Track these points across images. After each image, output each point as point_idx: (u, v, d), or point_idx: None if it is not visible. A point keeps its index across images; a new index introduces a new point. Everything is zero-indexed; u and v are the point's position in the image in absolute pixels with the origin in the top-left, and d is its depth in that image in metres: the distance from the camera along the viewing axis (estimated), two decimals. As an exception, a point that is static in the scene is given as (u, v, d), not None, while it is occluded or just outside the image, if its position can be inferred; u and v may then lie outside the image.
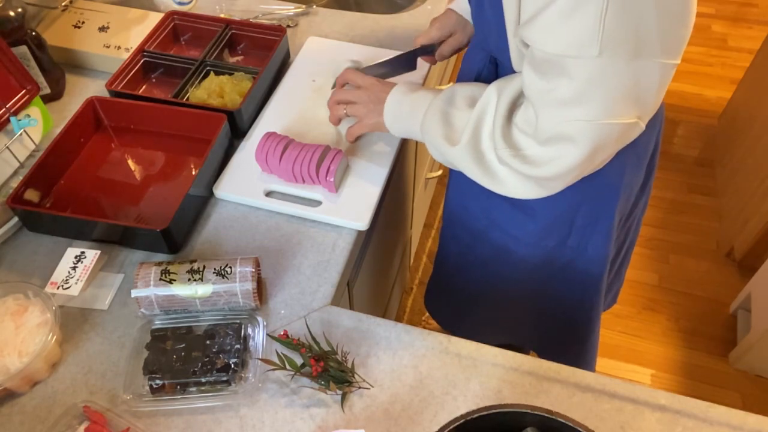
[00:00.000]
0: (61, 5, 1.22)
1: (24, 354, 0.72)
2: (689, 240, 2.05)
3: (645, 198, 1.05)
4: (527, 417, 0.57)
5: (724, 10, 2.97)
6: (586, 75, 0.62)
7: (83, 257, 0.84)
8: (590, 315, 1.11)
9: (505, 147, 0.74)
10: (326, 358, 0.73)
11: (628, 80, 0.63)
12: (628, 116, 0.66)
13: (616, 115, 0.65)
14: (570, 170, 0.71)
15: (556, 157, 0.70)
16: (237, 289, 0.77)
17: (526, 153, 0.73)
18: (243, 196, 0.94)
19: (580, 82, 0.63)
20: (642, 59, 0.61)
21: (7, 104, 0.96)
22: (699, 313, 1.86)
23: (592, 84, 0.63)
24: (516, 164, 0.73)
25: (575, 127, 0.67)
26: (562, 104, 0.66)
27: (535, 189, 0.76)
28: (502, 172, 0.75)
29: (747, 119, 2.09)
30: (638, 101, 0.65)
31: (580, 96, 0.64)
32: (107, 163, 0.99)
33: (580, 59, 0.61)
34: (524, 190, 0.76)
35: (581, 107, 0.65)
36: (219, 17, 1.21)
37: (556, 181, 0.74)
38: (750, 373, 1.72)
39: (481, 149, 0.77)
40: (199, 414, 0.72)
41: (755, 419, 0.71)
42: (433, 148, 0.84)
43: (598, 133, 0.66)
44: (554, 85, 0.65)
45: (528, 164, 0.72)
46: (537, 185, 0.75)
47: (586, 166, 0.71)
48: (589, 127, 0.66)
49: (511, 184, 0.76)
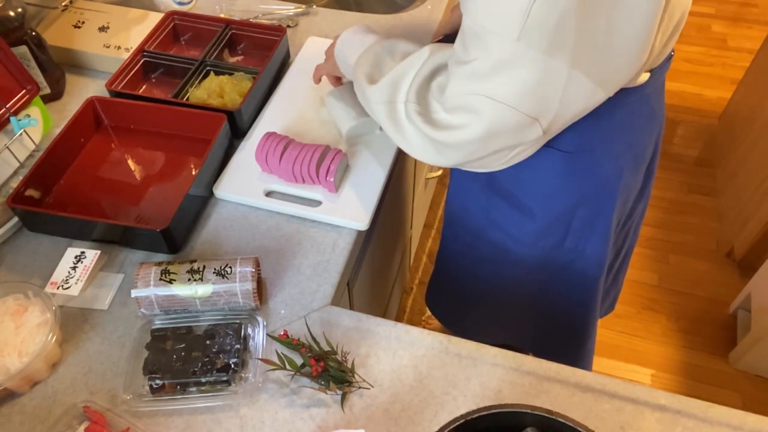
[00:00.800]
0: (61, 5, 1.22)
1: (24, 354, 0.72)
2: (689, 240, 2.05)
3: (644, 202, 1.05)
4: (527, 417, 0.57)
5: (724, 10, 2.97)
6: (502, 54, 0.64)
7: (83, 257, 0.84)
8: (587, 317, 1.11)
9: (415, 102, 0.75)
10: (326, 358, 0.73)
11: (536, 74, 0.64)
12: (528, 111, 0.67)
13: (518, 104, 0.66)
14: (467, 142, 0.72)
15: (457, 126, 0.71)
16: (237, 289, 0.77)
17: (433, 116, 0.74)
18: (243, 196, 0.94)
19: (494, 60, 0.65)
20: (553, 59, 0.63)
21: (7, 104, 0.96)
22: (699, 313, 1.86)
23: (505, 65, 0.64)
24: (419, 122, 0.74)
25: (479, 101, 0.68)
26: (473, 76, 0.68)
27: (434, 154, 0.76)
28: (408, 128, 0.76)
29: (747, 119, 2.09)
30: (541, 101, 0.67)
31: (491, 72, 0.66)
32: (107, 163, 0.99)
33: (500, 38, 0.63)
34: (424, 152, 0.77)
35: (489, 83, 0.66)
36: (219, 17, 1.21)
37: (454, 150, 0.74)
38: (750, 373, 1.72)
39: (395, 100, 0.77)
40: (199, 414, 0.72)
41: (755, 419, 0.71)
42: (358, 88, 0.85)
43: (498, 114, 0.68)
44: (472, 57, 0.67)
45: (430, 125, 0.74)
46: (436, 150, 0.75)
47: (481, 145, 0.72)
48: (491, 105, 0.67)
49: (415, 142, 0.77)
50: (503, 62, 0.64)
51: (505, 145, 0.73)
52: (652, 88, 0.81)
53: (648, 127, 0.88)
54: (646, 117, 0.86)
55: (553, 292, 1.07)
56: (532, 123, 0.69)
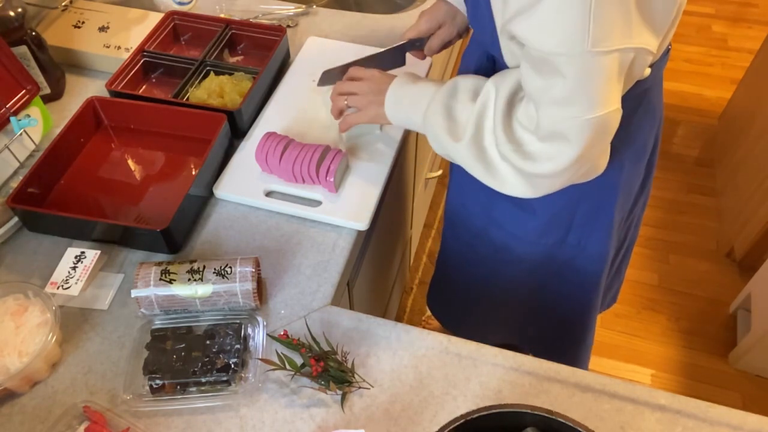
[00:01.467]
0: (61, 5, 1.22)
1: (24, 354, 0.72)
2: (689, 240, 2.05)
3: (645, 196, 1.05)
4: (527, 417, 0.57)
5: (724, 10, 2.97)
6: (577, 71, 0.63)
7: (83, 257, 0.84)
8: (588, 315, 1.11)
9: (507, 142, 0.73)
10: (326, 358, 0.73)
11: (613, 68, 0.63)
12: (613, 104, 0.67)
13: (604, 106, 0.66)
14: (564, 169, 0.71)
15: (554, 154, 0.70)
16: (237, 289, 0.77)
17: (527, 149, 0.72)
18: (243, 196, 0.94)
19: (572, 80, 0.63)
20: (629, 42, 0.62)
21: (7, 104, 0.96)
22: (699, 313, 1.86)
23: (583, 79, 0.63)
24: (516, 160, 0.73)
25: (569, 125, 0.67)
26: (557, 103, 0.66)
27: (528, 188, 0.75)
28: (504, 169, 0.75)
29: (747, 119, 2.08)
30: (618, 86, 0.66)
31: (573, 94, 0.65)
32: (107, 163, 0.99)
33: (571, 56, 0.61)
34: (521, 188, 0.76)
35: (574, 106, 0.65)
36: (219, 17, 1.21)
37: (550, 179, 0.74)
38: (750, 373, 1.72)
39: (483, 145, 0.76)
40: (199, 414, 0.72)
41: (755, 419, 0.71)
42: (436, 142, 0.84)
43: (590, 128, 0.67)
44: (550, 84, 0.65)
45: (528, 160, 0.72)
46: (530, 184, 0.75)
47: (580, 165, 0.71)
48: (581, 124, 0.66)
49: (510, 181, 0.76)
50: (582, 78, 0.63)
51: (605, 148, 0.73)
52: (652, 82, 0.82)
53: (648, 122, 0.88)
54: (646, 112, 0.86)
55: (554, 289, 1.07)
56: (616, 111, 0.68)
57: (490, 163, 0.76)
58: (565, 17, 0.59)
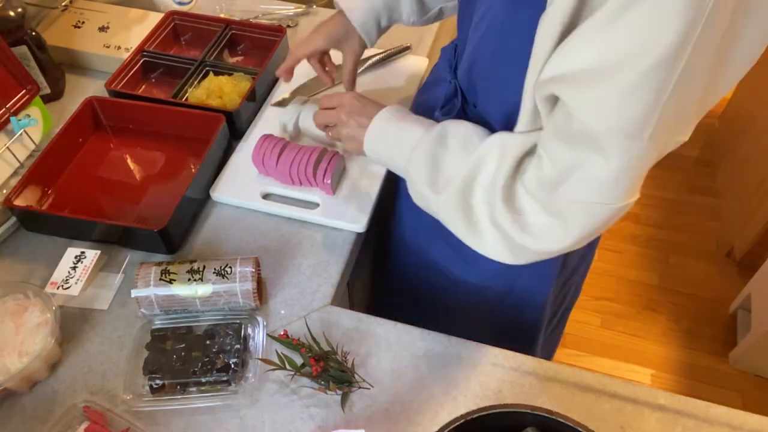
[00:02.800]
0: (61, 5, 1.22)
1: (24, 354, 0.72)
2: (689, 240, 2.05)
3: (585, 265, 1.01)
4: (527, 417, 0.57)
5: (724, 10, 2.97)
6: (627, 158, 0.56)
7: (83, 257, 0.84)
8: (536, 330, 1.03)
9: (505, 210, 0.65)
10: (326, 358, 0.73)
11: (651, 161, 0.58)
12: (637, 194, 0.61)
13: (631, 196, 0.61)
14: (561, 249, 0.64)
15: (557, 233, 0.63)
16: (237, 289, 0.77)
17: (527, 219, 0.64)
18: (240, 199, 0.93)
19: (617, 166, 0.56)
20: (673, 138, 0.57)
21: (7, 104, 0.95)
22: (699, 313, 1.86)
23: (630, 168, 0.57)
24: (511, 230, 0.65)
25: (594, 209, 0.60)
26: (589, 182, 0.59)
27: (509, 255, 0.68)
28: (490, 233, 0.67)
29: (747, 119, 2.09)
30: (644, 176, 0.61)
31: (614, 179, 0.58)
32: (106, 163, 0.99)
33: (628, 141, 0.55)
34: (501, 253, 0.68)
35: (611, 191, 0.59)
36: (219, 17, 1.21)
37: (539, 255, 0.67)
38: (750, 373, 1.72)
39: (471, 203, 0.68)
40: (199, 414, 0.72)
41: (755, 419, 0.71)
42: (414, 191, 0.75)
43: (611, 215, 0.61)
44: (585, 159, 0.58)
45: (525, 233, 0.64)
46: (513, 253, 0.67)
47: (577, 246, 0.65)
48: (606, 210, 0.60)
49: (492, 245, 0.68)
50: (628, 166, 0.57)
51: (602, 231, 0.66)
52: None
53: None
54: None
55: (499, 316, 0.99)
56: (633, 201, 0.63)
57: (475, 223, 0.68)
58: (636, 100, 0.53)
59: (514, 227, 0.64)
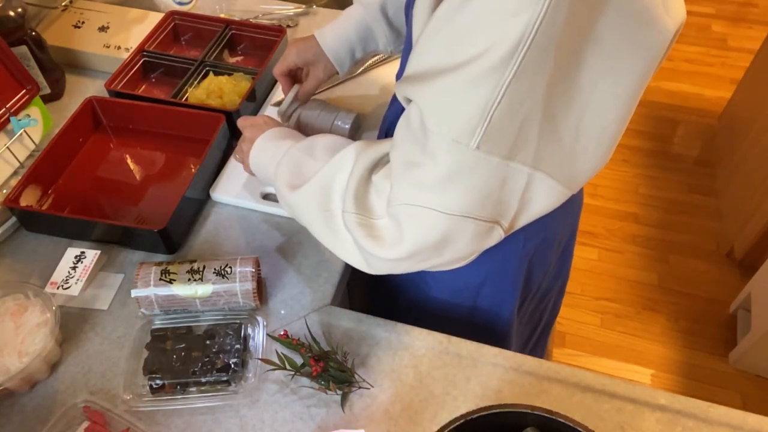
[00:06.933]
0: (61, 5, 1.22)
1: (24, 354, 0.72)
2: (689, 240, 2.05)
3: (562, 280, 1.01)
4: (527, 417, 0.57)
5: (724, 10, 2.97)
6: (455, 164, 0.55)
7: (83, 257, 0.84)
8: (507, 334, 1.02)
9: (354, 211, 0.64)
10: (326, 358, 0.73)
11: (493, 180, 0.56)
12: (486, 216, 0.59)
13: (475, 212, 0.58)
14: (399, 255, 0.61)
15: (397, 237, 0.61)
16: (237, 289, 0.77)
17: (374, 222, 0.63)
18: (239, 199, 0.93)
19: (445, 170, 0.55)
20: (513, 162, 0.55)
21: (7, 104, 0.96)
22: (699, 313, 1.86)
23: (458, 175, 0.56)
24: (358, 233, 0.63)
25: (425, 214, 0.58)
26: (420, 185, 0.58)
27: (363, 263, 0.67)
28: (347, 239, 0.66)
29: (747, 119, 2.08)
30: (499, 204, 0.59)
31: (441, 184, 0.57)
32: (106, 163, 0.99)
33: (454, 145, 0.54)
34: (358, 261, 0.67)
35: (438, 195, 0.57)
36: (219, 17, 1.21)
37: (384, 263, 0.65)
38: (750, 373, 1.72)
39: (330, 208, 0.67)
40: (199, 414, 0.72)
41: (755, 419, 0.71)
42: (280, 198, 0.75)
43: (451, 225, 0.58)
44: (420, 160, 0.57)
45: (368, 237, 0.63)
46: (366, 261, 0.66)
47: (429, 255, 0.62)
48: (442, 218, 0.58)
49: (350, 252, 0.67)
50: (457, 172, 0.55)
51: (465, 254, 0.63)
52: None
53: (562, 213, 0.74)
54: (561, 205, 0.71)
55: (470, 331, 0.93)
56: (491, 227, 0.60)
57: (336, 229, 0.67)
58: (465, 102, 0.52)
59: (360, 230, 0.63)
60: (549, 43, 0.49)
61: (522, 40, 0.48)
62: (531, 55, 0.49)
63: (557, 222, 0.84)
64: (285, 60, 0.92)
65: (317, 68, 0.93)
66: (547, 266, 0.90)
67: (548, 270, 0.91)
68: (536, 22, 0.47)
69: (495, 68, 0.49)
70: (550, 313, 1.08)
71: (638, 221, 2.11)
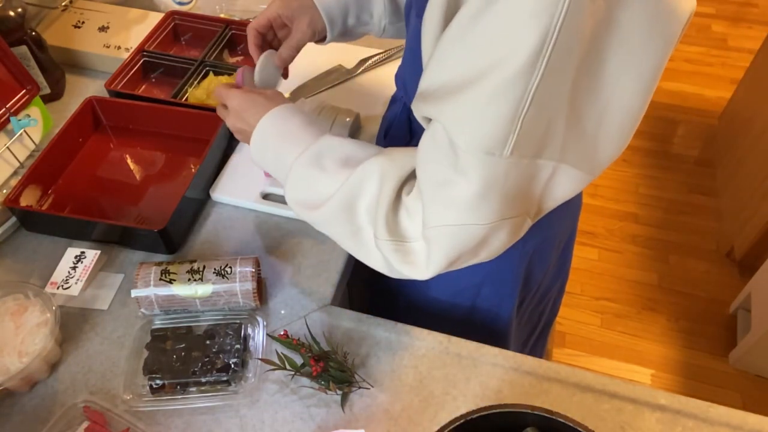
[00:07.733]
0: (61, 5, 1.22)
1: (24, 354, 0.72)
2: (689, 240, 2.05)
3: (562, 279, 1.01)
4: (527, 417, 0.57)
5: (724, 10, 2.97)
6: (489, 177, 0.54)
7: (83, 257, 0.84)
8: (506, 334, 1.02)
9: (388, 239, 0.61)
10: (326, 358, 0.73)
11: (524, 180, 0.56)
12: (516, 214, 0.59)
13: (506, 214, 0.58)
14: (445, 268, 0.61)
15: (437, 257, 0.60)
16: (237, 289, 0.77)
17: (410, 245, 0.61)
18: (239, 199, 0.93)
19: (481, 184, 0.54)
20: (540, 159, 0.55)
21: (7, 104, 0.96)
22: (699, 313, 1.86)
23: (495, 186, 0.55)
24: (395, 260, 0.62)
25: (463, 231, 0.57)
26: (457, 205, 0.56)
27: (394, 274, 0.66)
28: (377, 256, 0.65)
29: (747, 119, 2.09)
30: (527, 199, 0.59)
31: (479, 200, 0.55)
32: (106, 162, 0.99)
33: (487, 157, 0.53)
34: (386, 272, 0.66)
35: (476, 211, 0.56)
36: (219, 17, 1.21)
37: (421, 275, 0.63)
38: (750, 373, 1.72)
39: (361, 225, 0.64)
40: (199, 414, 0.72)
41: (755, 419, 0.71)
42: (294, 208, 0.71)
43: (486, 232, 0.58)
44: (452, 179, 0.56)
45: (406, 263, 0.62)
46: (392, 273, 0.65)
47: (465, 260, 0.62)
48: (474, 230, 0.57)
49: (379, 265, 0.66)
50: (492, 184, 0.54)
51: (498, 251, 0.62)
52: None
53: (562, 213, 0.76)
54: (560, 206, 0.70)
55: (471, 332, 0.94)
56: (522, 221, 0.60)
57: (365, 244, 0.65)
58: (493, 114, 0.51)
59: (396, 256, 0.62)
60: (572, 41, 0.48)
61: (546, 42, 0.47)
62: (556, 55, 0.48)
63: (557, 222, 0.84)
64: (266, 12, 0.80)
65: (301, 22, 0.80)
66: (546, 266, 0.90)
67: (548, 270, 0.92)
68: (558, 21, 0.47)
69: (521, 73, 0.49)
70: (549, 313, 1.09)
71: (638, 221, 2.12)
